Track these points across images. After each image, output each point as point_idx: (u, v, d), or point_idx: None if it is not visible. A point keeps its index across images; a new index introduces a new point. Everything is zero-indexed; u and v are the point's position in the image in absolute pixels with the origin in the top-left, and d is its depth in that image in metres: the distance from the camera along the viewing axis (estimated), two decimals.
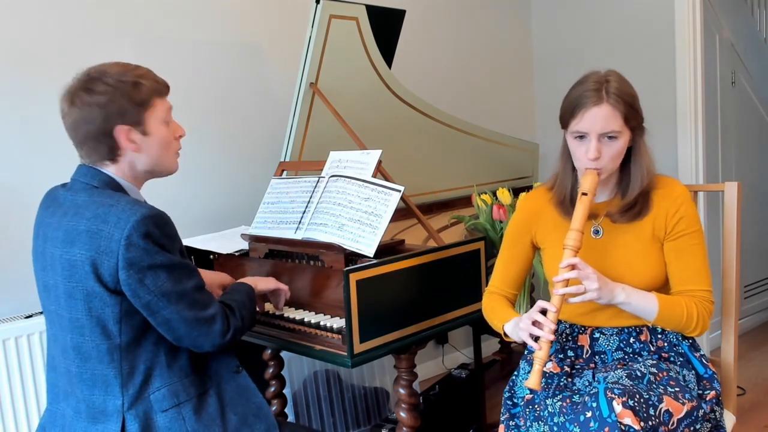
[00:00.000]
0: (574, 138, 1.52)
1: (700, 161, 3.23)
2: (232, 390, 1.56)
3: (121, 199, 1.42)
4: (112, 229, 1.37)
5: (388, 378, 2.90)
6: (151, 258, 1.38)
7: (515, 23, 3.79)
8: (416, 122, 2.68)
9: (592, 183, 1.49)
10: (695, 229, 1.55)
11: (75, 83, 1.45)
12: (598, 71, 1.54)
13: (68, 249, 1.40)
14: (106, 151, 1.45)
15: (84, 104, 1.42)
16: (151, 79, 1.48)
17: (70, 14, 2.30)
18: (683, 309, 1.50)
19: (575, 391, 1.48)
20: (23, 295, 2.19)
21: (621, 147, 1.51)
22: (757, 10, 4.33)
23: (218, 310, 1.48)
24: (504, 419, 1.56)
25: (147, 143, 1.48)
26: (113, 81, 1.43)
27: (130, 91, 1.43)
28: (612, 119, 1.47)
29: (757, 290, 3.93)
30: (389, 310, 1.73)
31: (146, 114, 1.46)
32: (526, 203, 1.72)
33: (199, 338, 1.45)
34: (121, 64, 1.47)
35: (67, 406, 1.48)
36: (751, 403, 2.95)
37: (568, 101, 1.53)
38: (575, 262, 1.44)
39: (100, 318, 1.40)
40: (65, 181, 1.56)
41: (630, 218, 1.56)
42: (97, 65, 1.47)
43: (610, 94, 1.47)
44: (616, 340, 1.58)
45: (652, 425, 1.32)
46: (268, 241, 2.02)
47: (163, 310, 1.40)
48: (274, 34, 2.78)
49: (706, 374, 1.54)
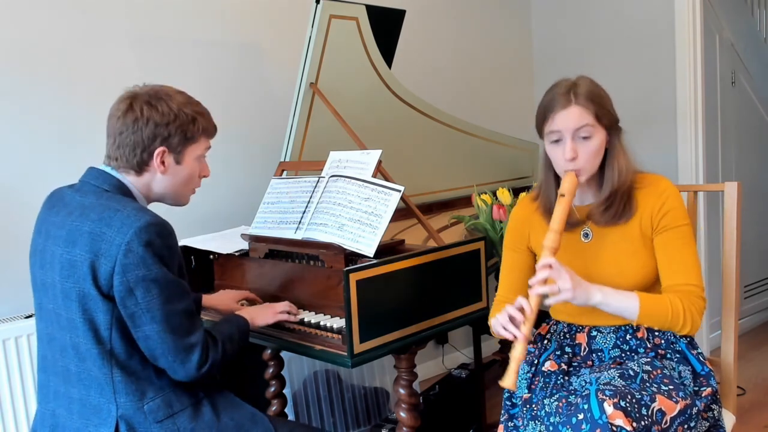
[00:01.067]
0: (551, 143, 1.54)
1: (700, 161, 3.23)
2: (225, 399, 1.56)
3: (128, 205, 1.42)
4: (115, 233, 1.37)
5: (388, 378, 2.90)
6: (147, 269, 1.37)
7: (515, 23, 3.79)
8: (416, 122, 2.68)
9: (571, 184, 1.50)
10: (682, 224, 1.54)
11: (140, 91, 1.50)
12: (568, 78, 1.57)
13: (69, 249, 1.40)
14: (137, 162, 1.49)
15: (142, 115, 1.47)
16: (207, 119, 1.57)
17: (70, 14, 2.30)
18: (668, 306, 1.49)
19: (572, 391, 1.48)
20: (23, 295, 2.18)
21: (597, 145, 1.52)
22: (757, 10, 4.33)
23: (199, 340, 1.45)
24: (503, 420, 1.57)
25: (175, 171, 1.53)
26: (176, 108, 1.50)
27: (186, 122, 1.51)
28: (583, 116, 1.49)
29: (757, 290, 3.93)
30: (389, 310, 1.73)
31: (188, 147, 1.53)
32: (516, 212, 1.75)
33: (174, 365, 1.43)
34: (187, 96, 1.55)
35: (58, 406, 1.47)
36: (751, 403, 2.95)
37: (540, 108, 1.56)
38: (551, 262, 1.44)
39: (93, 321, 1.40)
40: (65, 182, 1.56)
41: (612, 219, 1.56)
42: (165, 86, 1.54)
43: (579, 96, 1.50)
44: (613, 338, 1.59)
45: (645, 425, 1.31)
46: (268, 241, 2.02)
47: (145, 325, 1.39)
48: (274, 34, 2.78)
49: (703, 371, 1.54)
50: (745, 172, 3.72)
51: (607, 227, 1.58)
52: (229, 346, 1.55)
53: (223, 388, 1.60)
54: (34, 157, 2.23)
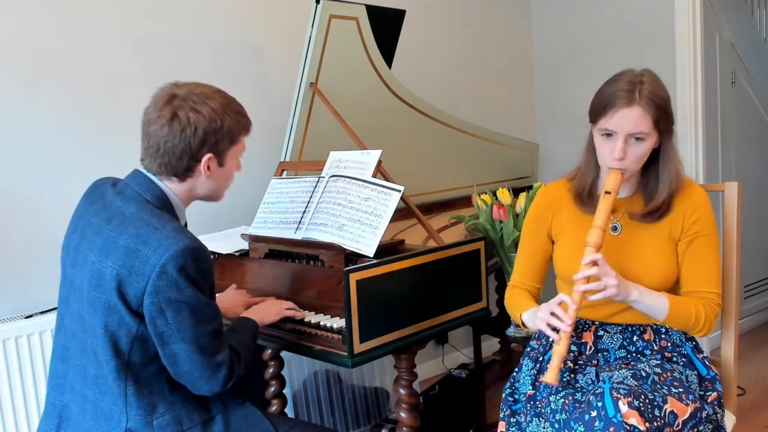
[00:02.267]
0: (601, 135, 1.52)
1: (700, 161, 3.23)
2: (239, 418, 1.53)
3: (167, 224, 1.39)
4: (151, 252, 1.34)
5: (388, 378, 2.90)
6: (179, 292, 1.35)
7: (515, 23, 3.79)
8: (416, 122, 2.68)
9: (616, 182, 1.49)
10: (711, 231, 1.56)
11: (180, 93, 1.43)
12: (632, 69, 1.53)
13: (102, 259, 1.38)
14: (182, 168, 1.45)
15: (189, 123, 1.41)
16: (246, 117, 1.52)
17: (70, 14, 2.30)
18: (692, 310, 1.51)
19: (578, 389, 1.48)
20: (23, 295, 2.19)
21: (647, 149, 1.50)
22: (757, 10, 4.33)
23: (226, 359, 1.44)
24: (504, 416, 1.56)
25: (218, 173, 1.50)
26: (221, 111, 1.44)
27: (232, 126, 1.46)
28: (642, 121, 1.46)
29: (757, 290, 3.92)
30: (389, 310, 1.73)
31: (231, 149, 1.49)
32: (544, 193, 1.73)
33: (200, 381, 1.42)
34: (224, 95, 1.48)
35: (72, 401, 1.47)
36: (751, 403, 2.95)
37: (600, 98, 1.51)
38: (597, 258, 1.44)
39: (114, 334, 1.38)
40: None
41: (652, 220, 1.57)
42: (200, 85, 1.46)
43: (643, 96, 1.46)
44: (620, 338, 1.59)
45: (658, 426, 1.32)
46: (268, 241, 2.02)
47: (174, 344, 1.38)
48: (274, 34, 2.78)
49: (708, 375, 1.54)
50: (745, 172, 3.72)
51: (639, 223, 1.58)
52: (249, 356, 1.54)
53: (245, 401, 1.56)
54: (35, 158, 2.23)
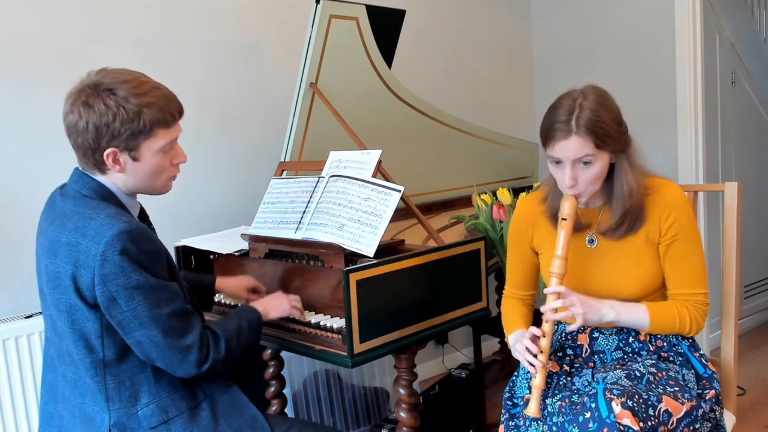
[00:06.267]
0: (551, 162, 1.52)
1: (700, 161, 3.23)
2: (226, 402, 1.52)
3: (101, 212, 1.37)
4: (90, 243, 1.33)
5: (388, 378, 2.90)
6: (126, 277, 1.33)
7: (515, 23, 3.79)
8: (416, 122, 2.68)
9: (571, 208, 1.49)
10: (689, 232, 1.53)
11: (83, 86, 1.38)
12: (573, 92, 1.49)
13: (52, 260, 1.38)
14: (93, 163, 1.41)
15: (81, 117, 1.36)
16: (158, 108, 1.39)
17: (70, 14, 2.30)
18: (675, 315, 1.52)
19: (574, 391, 1.48)
20: (23, 295, 2.19)
21: (598, 170, 1.48)
22: (757, 10, 4.33)
23: (196, 340, 1.41)
24: (504, 419, 1.57)
25: (134, 168, 1.42)
26: (114, 103, 1.35)
27: (129, 119, 1.36)
28: (583, 147, 1.44)
29: (757, 290, 3.92)
30: (389, 310, 1.73)
31: (143, 142, 1.39)
32: (524, 207, 1.73)
33: (172, 364, 1.40)
34: (134, 84, 1.38)
35: (64, 408, 1.47)
36: (751, 403, 2.95)
37: (543, 127, 1.51)
38: (560, 290, 1.46)
39: (83, 332, 1.38)
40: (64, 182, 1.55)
41: (623, 234, 1.55)
42: (111, 73, 1.39)
43: (581, 126, 1.43)
44: (615, 340, 1.59)
45: (652, 425, 1.32)
46: (268, 241, 2.02)
47: (135, 331, 1.36)
48: (274, 34, 2.78)
49: (706, 374, 1.54)
50: (745, 172, 3.72)
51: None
52: (235, 343, 1.50)
53: (231, 386, 1.55)
54: (34, 158, 2.23)
